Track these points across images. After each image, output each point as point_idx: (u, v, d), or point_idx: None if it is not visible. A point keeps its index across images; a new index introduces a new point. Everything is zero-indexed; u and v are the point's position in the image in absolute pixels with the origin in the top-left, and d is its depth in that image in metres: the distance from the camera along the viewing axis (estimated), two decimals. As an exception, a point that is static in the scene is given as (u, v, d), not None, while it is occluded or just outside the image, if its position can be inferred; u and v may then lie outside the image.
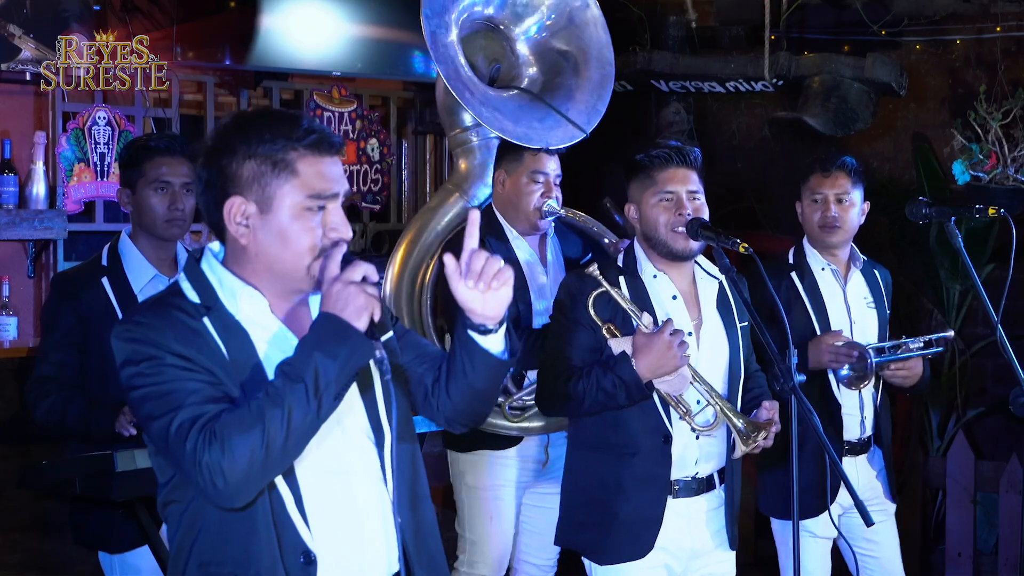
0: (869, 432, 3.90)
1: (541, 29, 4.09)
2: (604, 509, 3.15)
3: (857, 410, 3.87)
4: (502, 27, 4.05)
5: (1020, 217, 3.80)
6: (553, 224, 4.01)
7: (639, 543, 3.12)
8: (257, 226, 2.18)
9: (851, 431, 3.87)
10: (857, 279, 3.95)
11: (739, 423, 3.06)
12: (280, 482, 2.16)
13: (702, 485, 3.18)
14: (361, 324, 2.09)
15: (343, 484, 2.23)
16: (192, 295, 2.20)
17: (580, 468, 3.25)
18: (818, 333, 3.82)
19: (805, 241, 3.95)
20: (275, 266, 2.19)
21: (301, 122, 2.23)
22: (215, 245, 2.26)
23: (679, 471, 3.14)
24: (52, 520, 4.47)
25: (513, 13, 4.05)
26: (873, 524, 2.98)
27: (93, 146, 4.96)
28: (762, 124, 6.05)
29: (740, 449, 3.08)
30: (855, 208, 3.88)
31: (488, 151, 4.04)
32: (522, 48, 4.08)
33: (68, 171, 4.91)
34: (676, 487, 3.14)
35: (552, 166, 3.93)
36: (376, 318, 2.12)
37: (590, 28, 4.11)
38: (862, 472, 3.89)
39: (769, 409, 3.10)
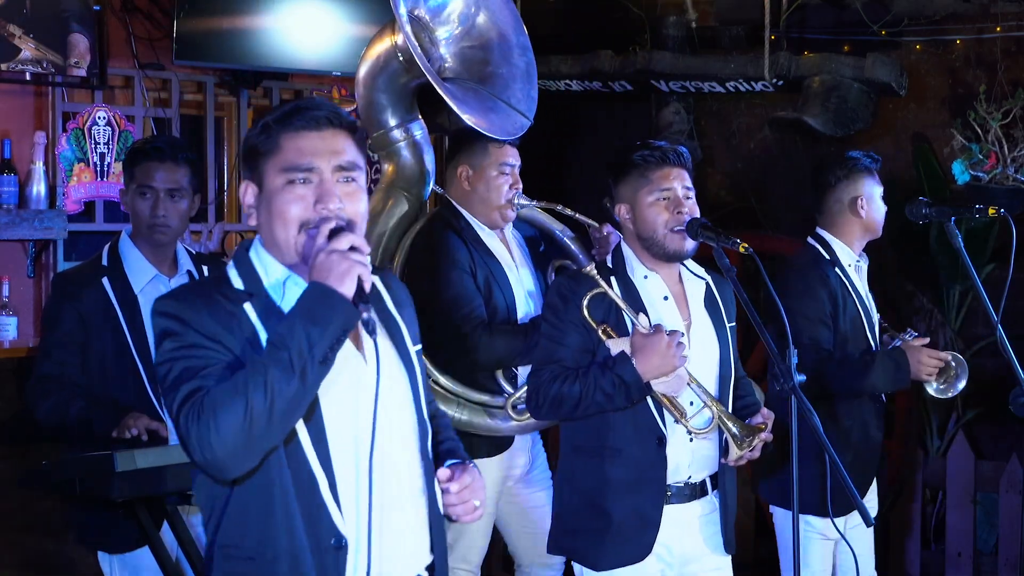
0: None
1: (458, 21, 4.03)
2: (599, 513, 3.13)
3: None
4: (423, 22, 4.01)
5: (1020, 217, 3.81)
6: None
7: (636, 546, 3.10)
8: (259, 205, 2.27)
9: None
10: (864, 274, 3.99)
11: (733, 427, 3.06)
12: (315, 465, 2.18)
13: (695, 491, 3.16)
14: (346, 289, 2.10)
15: (382, 472, 2.23)
16: (237, 282, 2.25)
17: (573, 471, 3.22)
18: (867, 330, 3.83)
19: (826, 235, 3.93)
20: (276, 242, 2.24)
21: (296, 102, 2.29)
22: None
23: (672, 476, 3.12)
24: (52, 520, 4.46)
25: (433, 7, 4.01)
26: (873, 524, 2.98)
27: (93, 146, 4.96)
28: (762, 124, 6.04)
29: (735, 452, 3.06)
30: None
31: (415, 148, 3.95)
32: (443, 44, 4.03)
33: (68, 171, 4.91)
34: (669, 493, 3.12)
35: (515, 157, 3.94)
36: (366, 285, 2.14)
37: (501, 15, 4.05)
38: None
39: (765, 416, 3.09)
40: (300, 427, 2.18)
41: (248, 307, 2.21)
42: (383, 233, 3.94)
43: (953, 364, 3.81)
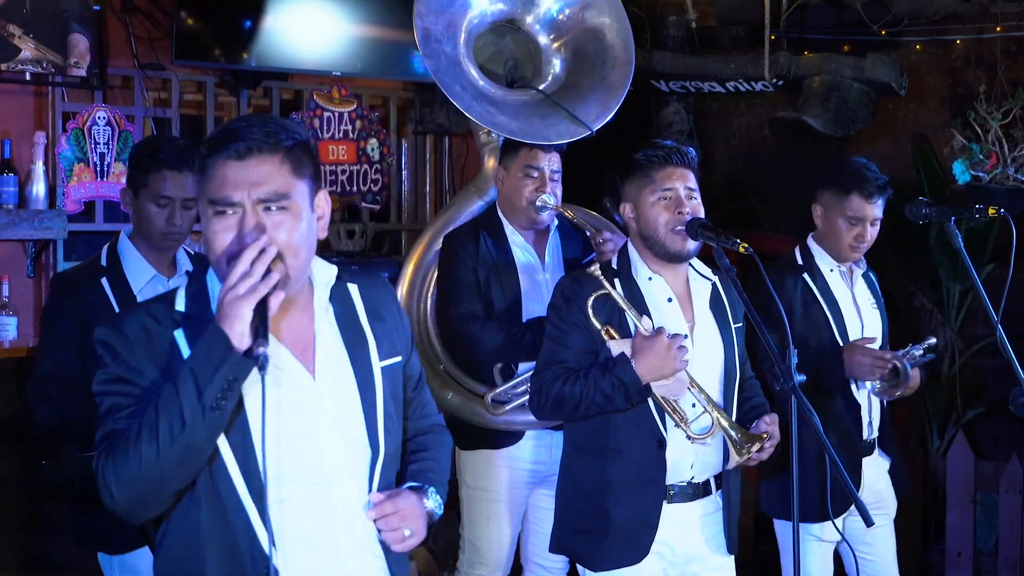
0: (875, 435, 3.91)
1: (559, 28, 4.12)
2: (599, 513, 3.13)
3: (866, 412, 3.89)
4: (518, 24, 4.09)
5: (1020, 217, 3.80)
6: (556, 223, 4.03)
7: (634, 548, 3.10)
8: (203, 230, 2.21)
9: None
10: (861, 281, 3.97)
11: (734, 433, 3.06)
12: (244, 495, 2.13)
13: (698, 490, 3.16)
14: (235, 331, 2.02)
15: (323, 496, 2.20)
16: (180, 303, 2.20)
17: (575, 472, 3.23)
18: (835, 334, 3.83)
19: (811, 241, 3.94)
20: (214, 267, 2.18)
21: (228, 125, 2.19)
22: None
23: (674, 476, 3.12)
24: (52, 520, 4.46)
25: (534, 11, 4.09)
26: (873, 524, 2.98)
27: (93, 146, 4.96)
28: (762, 124, 6.04)
29: (734, 459, 3.08)
30: (879, 222, 3.92)
31: (497, 152, 4.10)
32: (543, 45, 4.13)
33: (68, 171, 4.91)
34: (671, 492, 3.12)
35: (547, 161, 3.94)
36: (273, 308, 2.05)
37: (609, 30, 4.14)
38: (868, 473, 3.89)
39: (769, 423, 3.09)
40: (224, 446, 2.12)
41: (179, 334, 2.15)
42: (450, 227, 4.17)
43: (900, 371, 3.77)
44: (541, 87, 4.18)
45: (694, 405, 3.12)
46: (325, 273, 2.27)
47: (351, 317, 2.30)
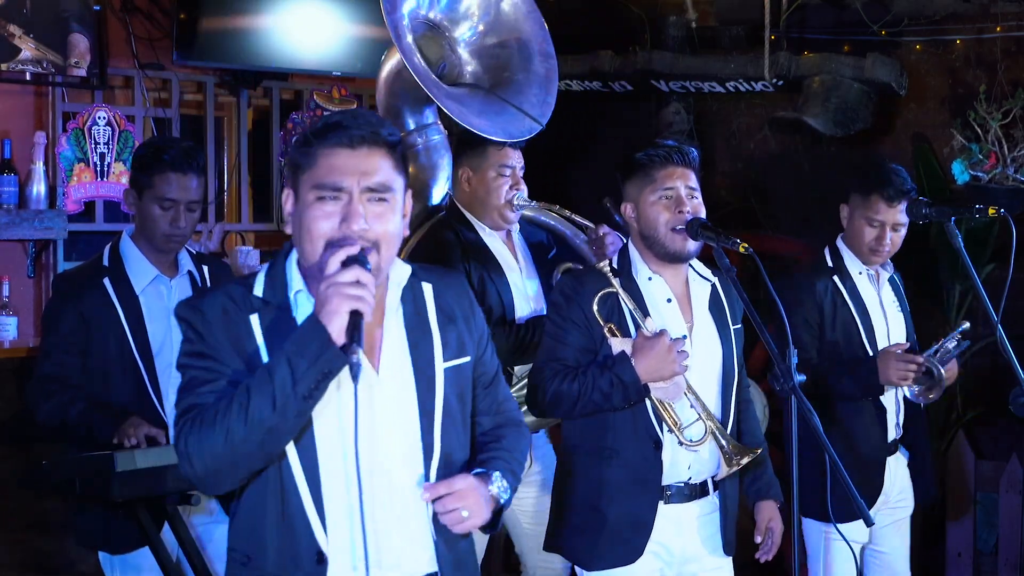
0: (895, 435, 3.91)
1: (477, 26, 4.10)
2: (594, 513, 3.13)
3: (893, 414, 3.89)
4: (442, 27, 4.07)
5: (1020, 217, 3.80)
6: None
7: (629, 548, 3.10)
8: (293, 215, 2.26)
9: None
10: (887, 284, 3.96)
11: (725, 443, 3.06)
12: (300, 479, 2.20)
13: (695, 491, 3.16)
14: (334, 326, 2.08)
15: (377, 487, 2.23)
16: (259, 289, 2.25)
17: (571, 471, 3.22)
18: (863, 337, 3.82)
19: (839, 243, 3.94)
20: (304, 255, 2.23)
21: (340, 116, 2.26)
22: None
23: (671, 476, 3.12)
24: (52, 520, 4.47)
25: (450, 13, 4.07)
26: (872, 524, 2.98)
27: (93, 146, 4.96)
28: (762, 124, 6.04)
29: (724, 470, 3.09)
30: (904, 228, 3.88)
31: (433, 152, 4.05)
32: (462, 48, 4.10)
33: (68, 171, 4.92)
34: (668, 492, 3.12)
35: (516, 159, 3.95)
36: (367, 317, 2.10)
37: (525, 23, 4.12)
38: (890, 472, 3.90)
39: (770, 518, 3.28)
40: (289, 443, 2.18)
41: (254, 319, 2.21)
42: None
43: (935, 373, 3.75)
44: (475, 83, 4.14)
45: (691, 407, 3.11)
46: (400, 272, 2.32)
47: (420, 317, 2.33)
